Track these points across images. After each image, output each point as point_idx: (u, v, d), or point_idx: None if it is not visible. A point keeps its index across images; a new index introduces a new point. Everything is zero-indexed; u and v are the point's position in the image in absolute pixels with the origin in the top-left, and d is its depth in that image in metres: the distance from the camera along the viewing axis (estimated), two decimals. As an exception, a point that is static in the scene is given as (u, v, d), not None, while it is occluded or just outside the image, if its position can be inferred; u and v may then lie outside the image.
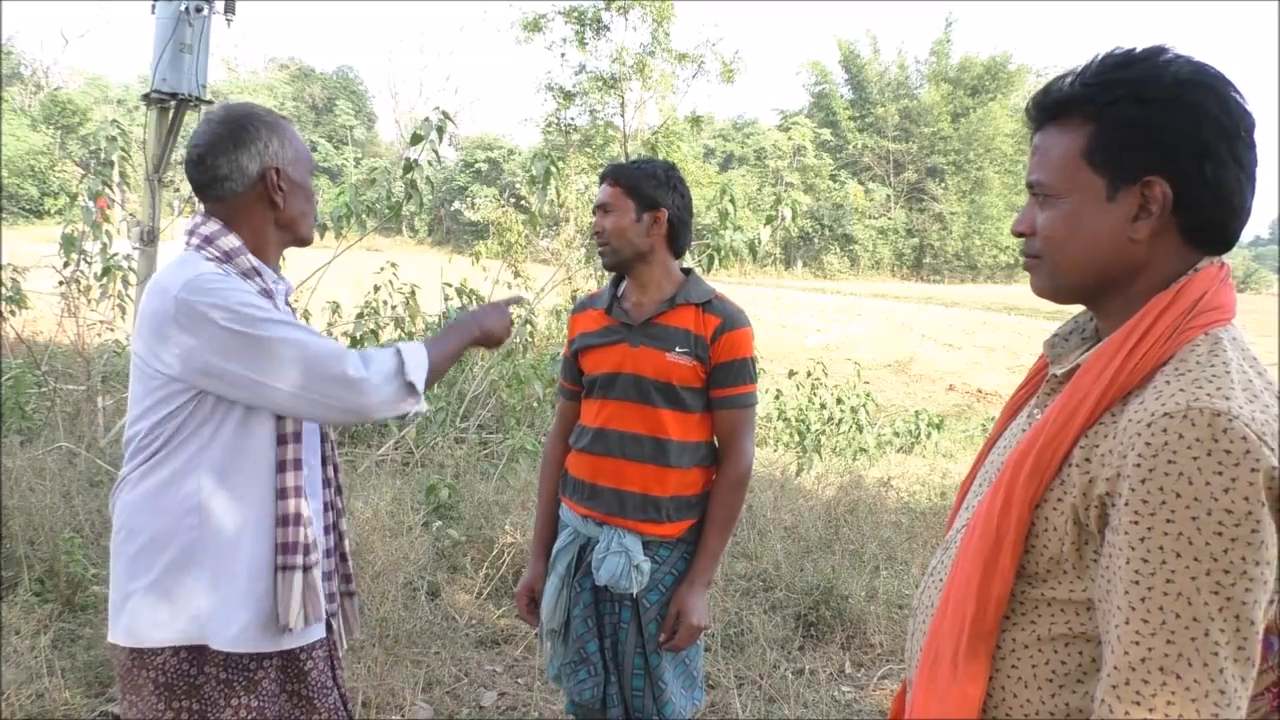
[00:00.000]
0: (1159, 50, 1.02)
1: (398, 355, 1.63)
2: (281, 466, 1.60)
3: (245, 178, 1.63)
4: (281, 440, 1.61)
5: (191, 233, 1.65)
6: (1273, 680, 1.03)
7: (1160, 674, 0.89)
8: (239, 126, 1.63)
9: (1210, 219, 1.01)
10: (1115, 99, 1.01)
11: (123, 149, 5.66)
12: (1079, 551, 1.00)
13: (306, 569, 1.61)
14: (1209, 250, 1.04)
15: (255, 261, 1.63)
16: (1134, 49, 1.04)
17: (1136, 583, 0.91)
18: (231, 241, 1.62)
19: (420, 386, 1.63)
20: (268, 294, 1.62)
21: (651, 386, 2.05)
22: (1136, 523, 0.92)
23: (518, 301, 2.05)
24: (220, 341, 1.50)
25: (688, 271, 2.18)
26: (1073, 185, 1.05)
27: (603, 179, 2.15)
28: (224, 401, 1.56)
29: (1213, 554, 0.88)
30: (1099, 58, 1.05)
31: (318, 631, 1.69)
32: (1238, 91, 1.00)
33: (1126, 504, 0.93)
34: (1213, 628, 0.88)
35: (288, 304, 1.80)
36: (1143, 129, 1.00)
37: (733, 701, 3.13)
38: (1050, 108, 1.08)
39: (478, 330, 1.84)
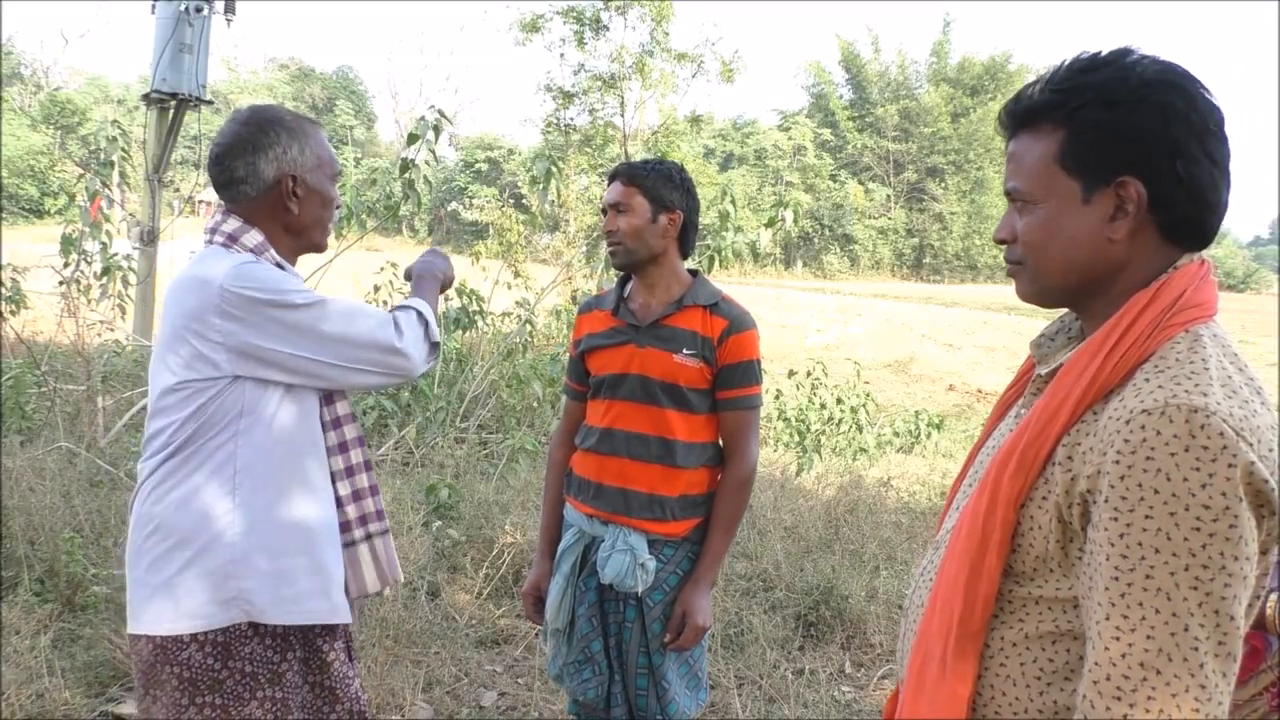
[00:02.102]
0: (1125, 52, 1.04)
1: (422, 320, 1.74)
2: (334, 450, 1.68)
3: (261, 182, 1.63)
4: (335, 424, 1.68)
5: (214, 230, 1.65)
6: (1272, 680, 1.03)
7: (1141, 670, 0.90)
8: (260, 130, 1.63)
9: (1186, 215, 1.02)
10: (1083, 103, 1.02)
11: (123, 149, 5.66)
12: (1064, 549, 1.01)
13: (370, 537, 1.73)
14: (1188, 246, 1.05)
15: (279, 258, 1.65)
16: (1100, 52, 1.05)
17: (1116, 579, 0.92)
18: (256, 237, 1.64)
19: (440, 342, 1.78)
20: None
21: (658, 387, 2.05)
22: (1116, 519, 0.92)
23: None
24: (267, 324, 1.54)
25: (694, 273, 2.18)
26: (1049, 191, 1.06)
27: (615, 177, 2.14)
28: (263, 390, 1.58)
29: (1191, 549, 0.89)
30: (1066, 63, 1.07)
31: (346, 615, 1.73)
32: (1205, 88, 1.02)
33: (1106, 501, 0.94)
34: (1192, 623, 0.89)
35: None
36: (1112, 131, 1.01)
37: (733, 701, 3.14)
38: (1021, 115, 1.09)
39: (443, 276, 1.94)
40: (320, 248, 1.75)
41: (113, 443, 5.04)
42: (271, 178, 1.63)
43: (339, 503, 1.69)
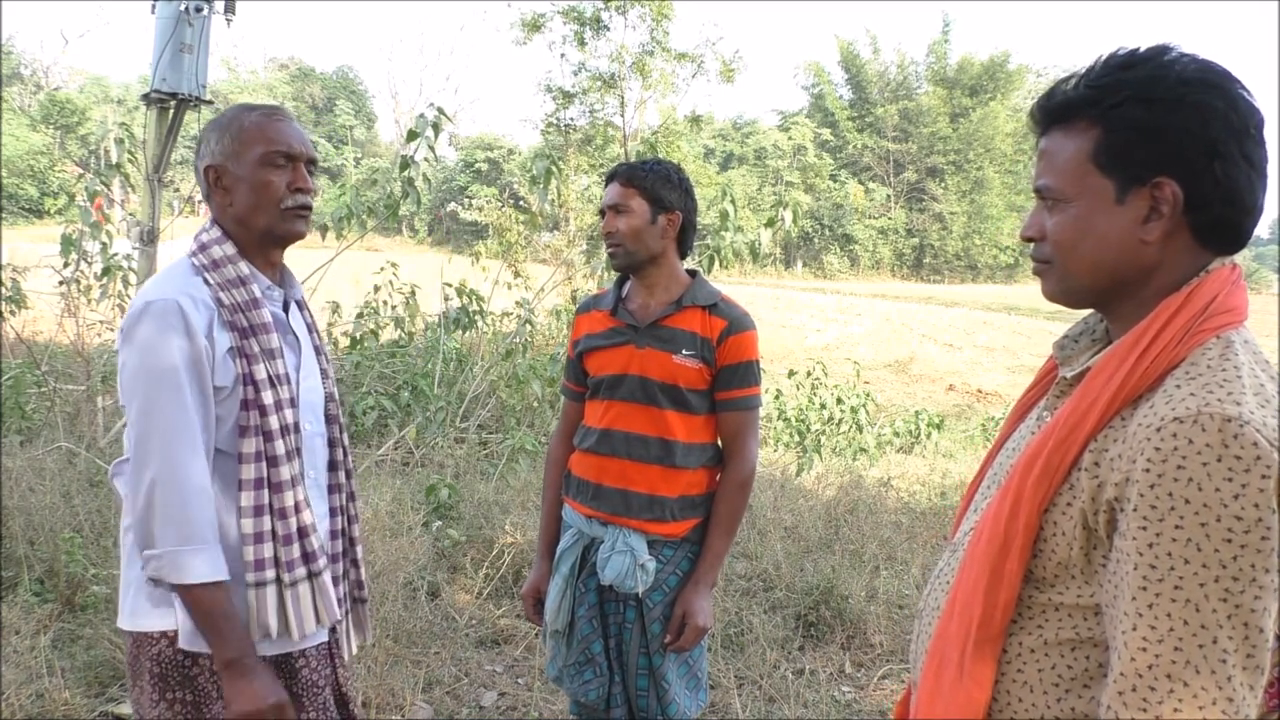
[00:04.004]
0: (1163, 50, 1.02)
1: (170, 551, 1.46)
2: (246, 485, 1.56)
3: (203, 182, 1.65)
4: (256, 458, 1.56)
5: (196, 236, 1.65)
6: (1272, 679, 1.03)
7: (1167, 681, 0.89)
8: (200, 132, 1.68)
9: (1222, 218, 1.00)
10: (1120, 101, 1.00)
11: (130, 151, 5.66)
12: (1087, 556, 1.00)
13: (293, 583, 1.59)
14: (1221, 250, 1.04)
15: (245, 270, 1.61)
16: (1138, 49, 1.03)
17: (1144, 589, 0.91)
18: (224, 250, 1.61)
19: (155, 573, 1.47)
20: (254, 304, 1.59)
21: (657, 388, 2.05)
22: (1145, 528, 0.91)
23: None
24: (131, 363, 1.51)
25: (693, 273, 2.18)
26: (1081, 189, 1.04)
27: (613, 178, 2.13)
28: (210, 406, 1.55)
29: (1222, 560, 0.88)
30: (1102, 59, 1.04)
31: (318, 637, 1.69)
32: (1245, 89, 1.00)
33: (1135, 509, 0.92)
34: (1221, 635, 0.88)
35: (301, 308, 1.78)
36: (1149, 130, 0.99)
37: (733, 701, 3.13)
38: (1055, 111, 1.07)
39: (234, 668, 1.50)
40: (277, 235, 1.64)
41: (113, 443, 5.04)
42: (201, 175, 1.64)
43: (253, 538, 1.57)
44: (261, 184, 1.61)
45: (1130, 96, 1.00)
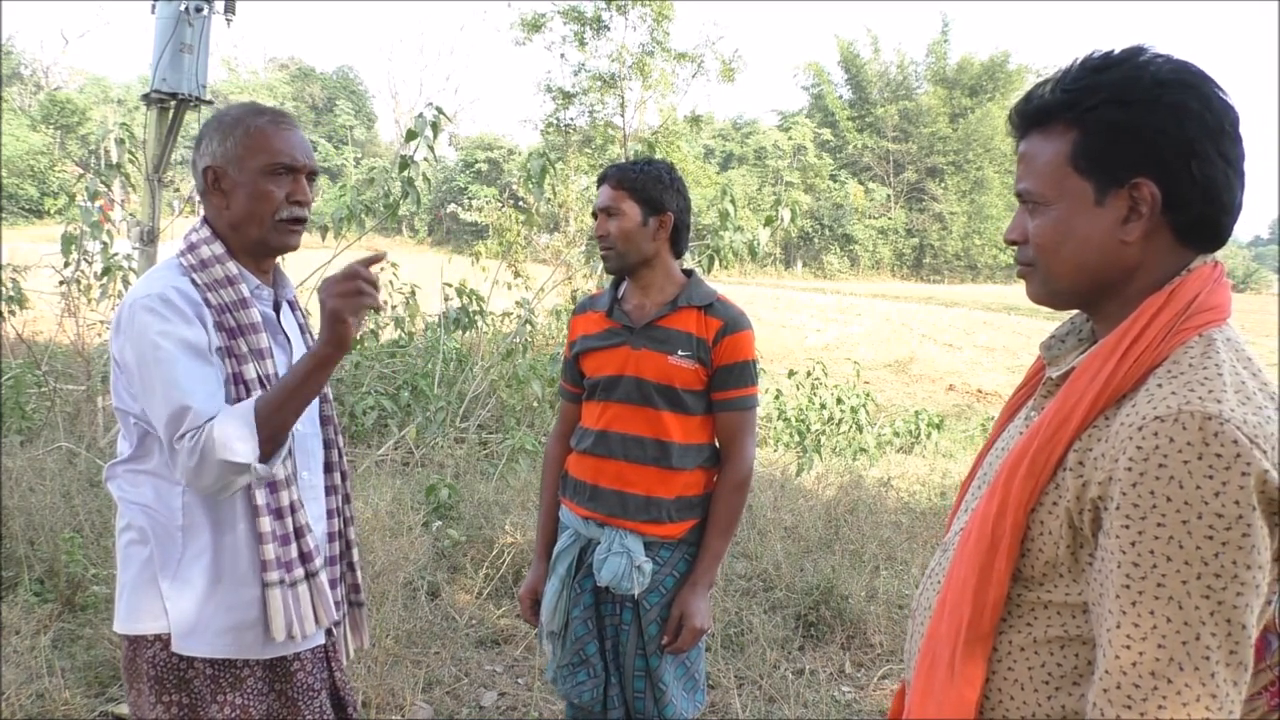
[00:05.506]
0: (1138, 51, 1.03)
1: (209, 437, 1.44)
2: (254, 483, 1.56)
3: (198, 179, 1.63)
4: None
5: (185, 236, 1.65)
6: (1271, 679, 1.03)
7: (1151, 678, 0.90)
8: (201, 131, 1.64)
9: (1201, 216, 1.01)
10: (1097, 103, 1.01)
11: (130, 151, 5.66)
12: (1074, 555, 1.01)
13: (293, 584, 1.59)
14: (1202, 248, 1.04)
15: (234, 270, 1.60)
16: (1112, 51, 1.04)
17: (1128, 586, 0.92)
18: (213, 250, 1.60)
19: (247, 458, 1.45)
20: (243, 304, 1.59)
21: (653, 389, 2.04)
22: (1128, 526, 0.92)
23: (375, 260, 1.60)
24: (131, 359, 1.52)
25: (689, 273, 2.17)
26: (1061, 192, 1.05)
27: (604, 180, 2.13)
28: None
29: (1203, 558, 0.88)
30: (1078, 62, 1.05)
31: (315, 639, 1.69)
32: (1220, 88, 1.00)
33: (1118, 508, 0.93)
34: (1204, 631, 0.88)
35: (293, 308, 1.78)
36: (1126, 131, 1.00)
37: (733, 701, 3.13)
38: (1033, 115, 1.08)
39: (321, 350, 1.50)
40: (270, 246, 1.63)
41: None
42: (200, 173, 1.62)
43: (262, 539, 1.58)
44: (261, 194, 1.59)
45: (1106, 99, 1.01)
